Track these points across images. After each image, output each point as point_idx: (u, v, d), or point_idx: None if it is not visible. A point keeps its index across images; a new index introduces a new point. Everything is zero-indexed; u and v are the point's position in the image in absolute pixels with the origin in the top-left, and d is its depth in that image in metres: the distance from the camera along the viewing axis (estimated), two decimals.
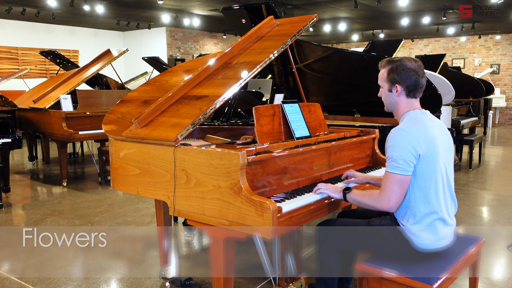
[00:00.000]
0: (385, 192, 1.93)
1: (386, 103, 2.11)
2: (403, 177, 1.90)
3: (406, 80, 2.00)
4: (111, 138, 2.55)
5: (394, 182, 1.91)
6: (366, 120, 4.13)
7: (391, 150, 1.93)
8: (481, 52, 13.94)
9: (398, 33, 13.58)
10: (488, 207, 4.78)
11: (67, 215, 4.45)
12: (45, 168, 6.93)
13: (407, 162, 1.89)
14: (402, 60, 2.02)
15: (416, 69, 2.00)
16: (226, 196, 1.97)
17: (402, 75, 2.00)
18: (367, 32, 13.38)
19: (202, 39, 13.85)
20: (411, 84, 2.01)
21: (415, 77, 2.00)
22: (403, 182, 1.91)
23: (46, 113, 5.62)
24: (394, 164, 1.91)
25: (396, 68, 2.01)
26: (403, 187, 1.92)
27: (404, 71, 2.00)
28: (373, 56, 4.15)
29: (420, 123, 1.96)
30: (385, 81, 2.07)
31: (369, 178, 2.39)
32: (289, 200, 2.07)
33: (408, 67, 2.00)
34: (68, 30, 12.14)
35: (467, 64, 14.11)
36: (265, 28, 2.89)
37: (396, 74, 2.01)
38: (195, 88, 2.50)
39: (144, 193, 2.35)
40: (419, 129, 1.93)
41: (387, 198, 1.92)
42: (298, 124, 2.51)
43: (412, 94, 2.03)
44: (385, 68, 2.07)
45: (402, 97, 2.04)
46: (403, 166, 1.89)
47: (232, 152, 1.94)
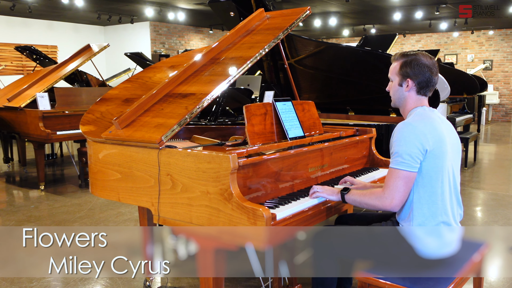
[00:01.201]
0: (389, 189, 1.85)
1: (394, 97, 2.04)
2: (408, 174, 1.83)
3: (419, 75, 1.94)
4: (90, 140, 2.42)
5: (398, 178, 1.83)
6: (360, 118, 4.07)
7: (396, 145, 1.86)
8: (473, 48, 14.05)
9: (390, 28, 13.60)
10: (486, 207, 4.75)
11: (44, 221, 4.29)
12: (21, 170, 6.72)
13: (413, 157, 1.82)
14: (417, 54, 1.96)
15: (431, 66, 1.94)
16: (215, 202, 1.87)
17: (416, 70, 1.94)
18: (358, 27, 13.37)
19: (188, 34, 13.69)
20: (423, 81, 1.94)
21: (429, 74, 1.94)
22: (408, 179, 1.84)
23: (22, 112, 5.44)
24: (399, 160, 1.83)
25: (410, 62, 1.94)
26: (408, 185, 1.85)
27: (418, 66, 1.93)
28: (369, 51, 4.09)
29: (428, 119, 1.90)
30: (396, 74, 2.00)
31: (368, 186, 2.31)
32: (283, 206, 1.98)
33: (422, 62, 1.93)
34: (46, 24, 11.86)
35: (459, 60, 14.20)
36: (255, 22, 2.79)
37: (409, 68, 1.95)
38: (181, 85, 2.39)
39: (126, 200, 2.23)
40: (427, 124, 1.87)
41: (390, 195, 1.85)
42: (292, 124, 2.42)
43: (423, 91, 1.97)
44: (398, 61, 2.00)
45: (412, 92, 1.97)
46: (408, 162, 1.82)
47: (221, 155, 1.83)
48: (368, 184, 2.31)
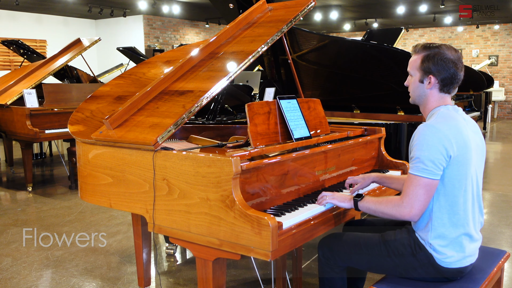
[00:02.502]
0: (408, 197, 1.74)
1: (414, 94, 1.92)
2: (430, 181, 1.72)
3: (443, 72, 1.81)
4: (79, 141, 2.31)
5: (419, 186, 1.72)
6: (366, 116, 3.98)
7: (417, 149, 1.74)
8: (478, 43, 13.98)
9: (393, 22, 13.51)
10: (496, 210, 4.66)
11: (32, 225, 4.17)
12: (8, 170, 6.59)
13: (436, 164, 1.71)
14: (440, 47, 1.82)
15: (456, 61, 1.81)
16: (216, 210, 1.76)
17: (439, 66, 1.80)
18: (360, 21, 13.27)
19: (183, 28, 13.54)
20: (447, 77, 1.81)
21: (454, 69, 1.81)
22: (430, 187, 1.73)
23: (8, 109, 5.31)
24: (421, 166, 1.72)
25: (433, 56, 1.81)
26: (429, 193, 1.74)
27: (442, 61, 1.80)
28: (375, 46, 3.99)
29: (452, 121, 1.78)
30: (417, 69, 1.86)
31: (372, 177, 2.21)
32: (289, 213, 1.87)
33: (447, 57, 1.80)
34: (35, 18, 11.68)
35: (464, 56, 14.12)
36: (256, 13, 2.69)
37: (432, 63, 1.81)
38: (178, 82, 2.28)
39: (118, 206, 2.12)
40: (452, 127, 1.75)
41: (410, 204, 1.74)
42: (297, 123, 2.31)
43: (446, 89, 1.84)
44: (419, 54, 1.86)
45: (434, 90, 1.85)
46: (431, 169, 1.71)
47: (222, 159, 1.72)
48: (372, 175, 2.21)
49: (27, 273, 3.15)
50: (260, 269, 3.04)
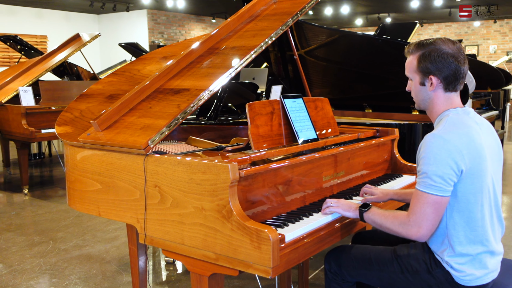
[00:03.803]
0: (415, 216, 1.61)
1: (418, 99, 1.78)
2: (439, 199, 1.58)
3: (443, 69, 1.66)
4: (66, 143, 2.20)
5: (427, 204, 1.59)
6: (378, 116, 3.85)
7: (425, 163, 1.60)
8: (496, 39, 13.73)
9: (407, 17, 13.31)
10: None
11: (26, 230, 4.09)
12: (4, 171, 6.53)
13: (445, 179, 1.57)
14: (435, 43, 1.68)
15: (455, 54, 1.66)
16: (211, 221, 1.64)
17: (438, 63, 1.66)
18: (372, 16, 13.09)
19: (188, 23, 13.46)
20: (449, 74, 1.67)
21: (455, 64, 1.66)
22: (439, 204, 1.59)
23: (3, 108, 5.24)
24: (428, 182, 1.58)
25: (429, 54, 1.67)
26: (439, 211, 1.60)
27: (440, 58, 1.66)
28: (388, 41, 3.85)
29: (463, 128, 1.63)
30: (415, 71, 1.73)
31: (391, 194, 2.07)
32: (293, 224, 1.75)
33: (445, 51, 1.65)
34: (35, 12, 11.66)
35: (481, 52, 13.89)
36: (260, 6, 2.57)
37: (429, 62, 1.67)
38: (173, 79, 2.16)
39: (108, 215, 2.01)
40: (462, 136, 1.60)
41: (417, 223, 1.61)
42: (303, 124, 2.19)
43: (451, 87, 1.70)
44: (413, 55, 1.73)
45: (438, 91, 1.71)
46: (439, 185, 1.57)
47: (218, 164, 1.60)
48: (391, 192, 2.07)
49: (17, 282, 3.06)
50: (263, 280, 2.92)
